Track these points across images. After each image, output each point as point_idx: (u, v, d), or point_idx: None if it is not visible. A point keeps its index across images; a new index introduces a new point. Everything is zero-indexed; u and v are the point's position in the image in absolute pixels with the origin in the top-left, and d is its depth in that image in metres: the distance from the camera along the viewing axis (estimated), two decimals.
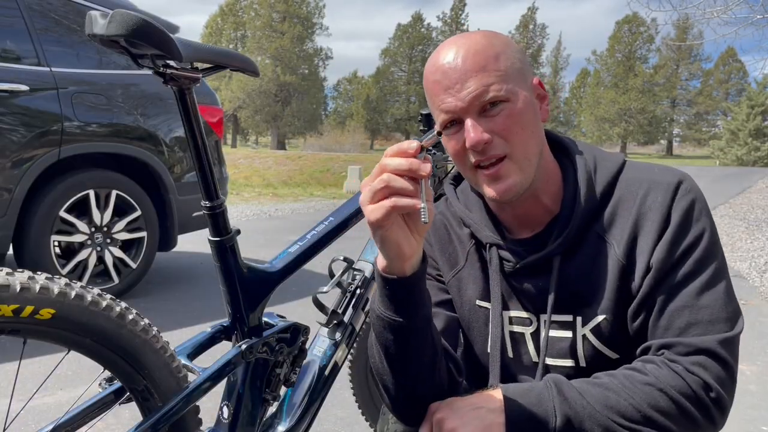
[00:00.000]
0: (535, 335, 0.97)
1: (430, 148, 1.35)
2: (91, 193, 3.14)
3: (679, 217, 0.87)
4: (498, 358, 0.98)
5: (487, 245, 0.99)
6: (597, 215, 0.92)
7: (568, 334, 0.94)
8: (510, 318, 0.99)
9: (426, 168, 0.75)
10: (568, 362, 0.94)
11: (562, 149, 0.99)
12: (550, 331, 0.94)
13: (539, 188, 0.93)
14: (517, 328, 0.99)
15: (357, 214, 1.30)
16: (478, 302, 1.02)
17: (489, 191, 0.91)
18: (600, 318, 0.90)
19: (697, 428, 0.81)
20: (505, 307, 0.99)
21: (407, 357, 0.87)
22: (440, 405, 0.87)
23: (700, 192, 0.91)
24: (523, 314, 0.98)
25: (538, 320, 0.96)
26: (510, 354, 1.00)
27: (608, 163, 0.95)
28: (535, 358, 0.97)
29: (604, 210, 0.92)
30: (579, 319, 0.93)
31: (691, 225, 0.87)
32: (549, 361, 0.95)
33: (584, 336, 0.92)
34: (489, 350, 0.99)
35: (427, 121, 1.52)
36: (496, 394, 0.85)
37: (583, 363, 0.93)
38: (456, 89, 0.87)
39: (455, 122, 0.90)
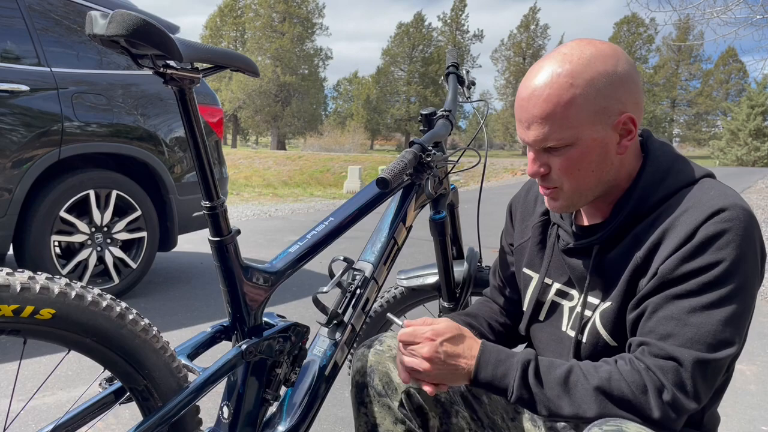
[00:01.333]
0: (573, 309, 1.07)
1: (430, 147, 1.35)
2: (91, 193, 3.14)
3: (700, 239, 0.88)
4: (528, 314, 1.15)
5: (553, 223, 1.12)
6: (641, 219, 0.97)
7: (589, 313, 1.03)
8: (556, 289, 1.11)
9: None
10: (581, 338, 1.04)
11: (648, 153, 1.02)
12: (580, 308, 1.04)
13: (603, 196, 1.01)
14: (557, 299, 1.11)
15: (357, 214, 1.30)
16: (524, 269, 1.18)
17: (547, 203, 1.04)
18: (607, 304, 0.99)
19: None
20: (554, 278, 1.11)
21: None
22: (432, 329, 0.99)
23: (742, 226, 0.87)
24: (566, 289, 1.09)
25: (579, 297, 1.07)
26: (541, 317, 1.13)
27: (676, 177, 0.97)
28: (564, 328, 1.08)
29: (649, 216, 0.96)
30: (601, 303, 1.01)
31: (710, 249, 0.87)
32: (570, 332, 1.07)
33: (595, 319, 1.01)
34: (524, 308, 1.17)
35: (427, 121, 1.52)
36: (475, 350, 0.97)
37: (584, 339, 1.03)
38: (524, 126, 0.96)
39: None
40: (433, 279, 1.64)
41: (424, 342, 0.97)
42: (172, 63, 0.94)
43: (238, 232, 1.10)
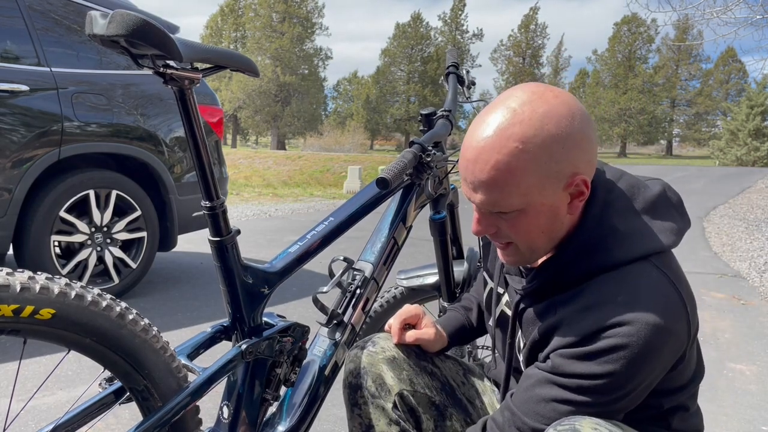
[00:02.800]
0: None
1: (430, 147, 1.35)
2: (91, 193, 3.14)
3: (594, 348, 0.85)
4: (497, 336, 1.16)
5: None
6: (560, 289, 0.94)
7: (517, 353, 1.06)
8: (506, 301, 1.10)
9: None
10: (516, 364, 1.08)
11: (584, 219, 0.93)
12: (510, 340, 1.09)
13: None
14: (508, 311, 1.09)
15: (357, 214, 1.30)
16: (484, 273, 1.21)
17: (498, 254, 1.01)
18: (526, 348, 1.00)
19: None
20: (501, 290, 1.12)
21: None
22: None
23: (641, 344, 0.82)
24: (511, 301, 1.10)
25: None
26: (491, 323, 1.16)
27: (601, 257, 0.90)
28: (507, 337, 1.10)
29: (566, 291, 0.93)
30: (523, 341, 1.04)
31: (600, 360, 0.84)
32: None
33: (519, 359, 1.05)
34: (482, 307, 1.24)
35: (427, 121, 1.52)
36: None
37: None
38: (470, 187, 0.89)
39: None
40: (433, 279, 1.64)
41: None
42: (172, 63, 0.94)
43: (238, 232, 1.10)
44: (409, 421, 1.15)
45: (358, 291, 1.28)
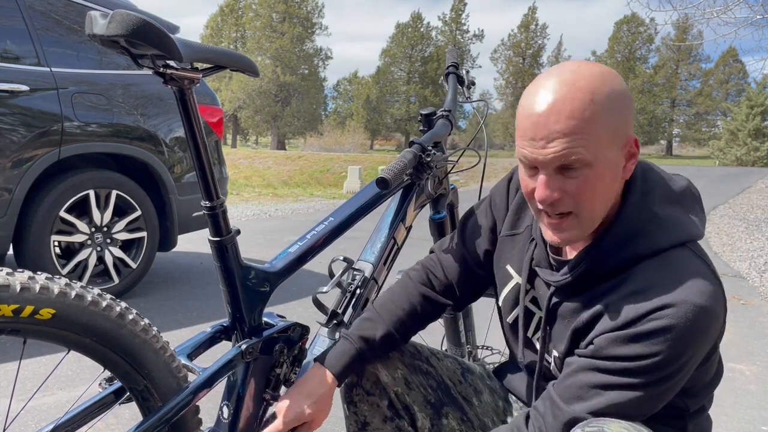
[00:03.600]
0: (540, 322, 1.07)
1: (430, 147, 1.35)
2: (91, 193, 3.14)
3: (640, 330, 0.86)
4: (519, 333, 1.12)
5: (532, 238, 1.08)
6: (599, 280, 0.94)
7: (548, 358, 1.06)
8: (532, 297, 1.09)
9: None
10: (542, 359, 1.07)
11: (625, 205, 0.95)
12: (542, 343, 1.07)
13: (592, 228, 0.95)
14: (532, 307, 1.09)
15: (357, 214, 1.30)
16: (508, 266, 1.14)
17: (547, 235, 0.95)
18: (558, 350, 1.02)
19: None
20: (532, 285, 1.08)
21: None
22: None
23: (687, 326, 0.84)
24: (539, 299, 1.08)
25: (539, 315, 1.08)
26: (509, 320, 1.14)
27: (646, 241, 0.91)
28: (531, 334, 1.10)
29: (607, 281, 0.93)
30: (554, 345, 1.04)
31: (646, 342, 0.85)
32: (536, 343, 1.09)
33: (551, 363, 1.06)
34: (499, 303, 1.17)
35: (427, 121, 1.52)
36: None
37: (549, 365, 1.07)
38: (540, 144, 0.87)
39: (531, 165, 0.91)
40: None
41: None
42: (171, 63, 0.94)
43: (238, 232, 1.10)
44: (404, 418, 1.15)
45: (358, 291, 1.28)
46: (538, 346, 1.07)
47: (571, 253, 1.01)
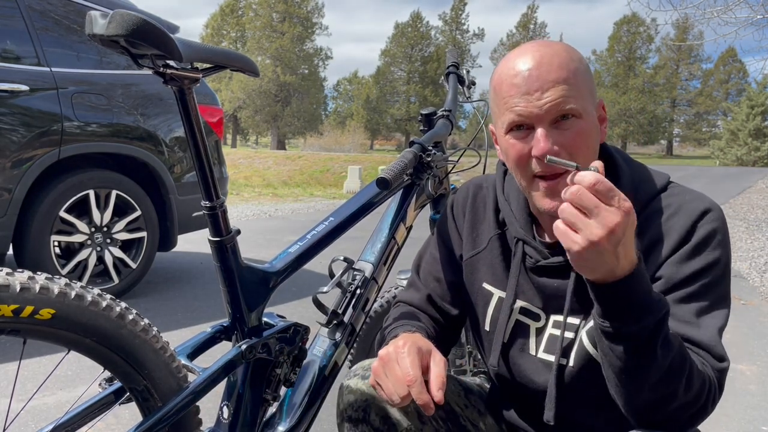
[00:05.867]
0: (541, 331, 1.01)
1: (430, 147, 1.35)
2: (91, 193, 3.14)
3: (697, 240, 0.90)
4: (500, 343, 1.04)
5: (515, 239, 1.04)
6: None
7: (571, 335, 0.97)
8: (520, 308, 1.03)
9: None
10: (559, 360, 0.97)
11: (611, 163, 1.00)
12: (555, 330, 1.00)
13: None
14: (523, 319, 1.03)
15: (357, 214, 1.30)
16: (485, 285, 1.08)
17: (544, 203, 0.93)
18: (592, 322, 0.90)
19: (697, 415, 0.86)
20: (517, 297, 1.03)
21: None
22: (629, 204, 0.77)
23: (725, 225, 0.93)
24: (533, 309, 1.02)
25: (547, 318, 1.01)
26: (505, 339, 1.05)
27: (649, 185, 0.98)
28: (532, 351, 1.02)
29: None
30: (584, 323, 0.96)
31: (707, 250, 0.89)
32: (545, 356, 1.00)
33: (581, 340, 0.96)
34: (486, 328, 1.08)
35: (427, 121, 1.52)
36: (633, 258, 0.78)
37: (571, 363, 0.97)
38: (535, 96, 0.90)
39: (523, 127, 0.92)
40: None
41: (617, 207, 0.73)
42: (172, 63, 0.94)
43: (238, 232, 1.10)
44: None
45: (358, 291, 1.28)
46: (547, 357, 1.00)
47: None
